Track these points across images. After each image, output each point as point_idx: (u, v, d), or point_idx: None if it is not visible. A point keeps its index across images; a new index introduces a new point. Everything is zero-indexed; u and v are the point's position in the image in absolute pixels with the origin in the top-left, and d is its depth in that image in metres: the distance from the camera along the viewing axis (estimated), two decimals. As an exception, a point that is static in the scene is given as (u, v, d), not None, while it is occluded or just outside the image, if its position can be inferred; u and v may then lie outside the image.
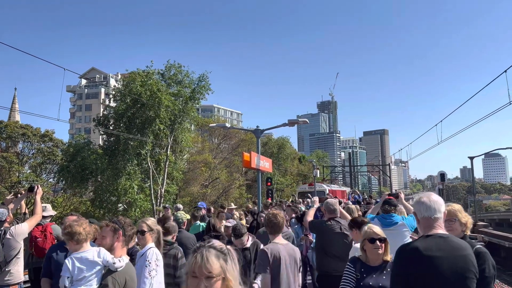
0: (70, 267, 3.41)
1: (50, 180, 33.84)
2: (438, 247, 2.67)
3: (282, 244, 4.41)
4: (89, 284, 3.35)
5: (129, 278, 3.45)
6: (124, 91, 26.72)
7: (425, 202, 2.86)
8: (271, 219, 4.65)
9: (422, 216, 2.85)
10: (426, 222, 2.84)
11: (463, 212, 3.61)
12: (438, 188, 26.34)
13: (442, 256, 2.63)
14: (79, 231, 3.57)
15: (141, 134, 26.14)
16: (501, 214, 57.54)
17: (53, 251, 4.72)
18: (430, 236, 2.75)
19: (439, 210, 2.83)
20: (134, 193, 27.05)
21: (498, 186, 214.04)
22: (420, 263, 2.63)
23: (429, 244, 2.68)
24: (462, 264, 2.64)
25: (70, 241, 3.56)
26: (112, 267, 3.35)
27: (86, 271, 3.37)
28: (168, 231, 5.76)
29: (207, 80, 29.14)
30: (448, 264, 2.61)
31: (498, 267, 15.15)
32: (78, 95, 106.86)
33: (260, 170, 13.88)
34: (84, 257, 3.44)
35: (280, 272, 4.15)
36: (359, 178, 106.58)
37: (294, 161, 58.58)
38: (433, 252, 2.64)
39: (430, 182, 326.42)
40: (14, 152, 32.57)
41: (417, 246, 2.70)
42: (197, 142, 42.05)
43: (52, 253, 4.67)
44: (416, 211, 2.93)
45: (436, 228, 2.80)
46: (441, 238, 2.73)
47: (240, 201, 39.02)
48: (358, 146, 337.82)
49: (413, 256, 2.67)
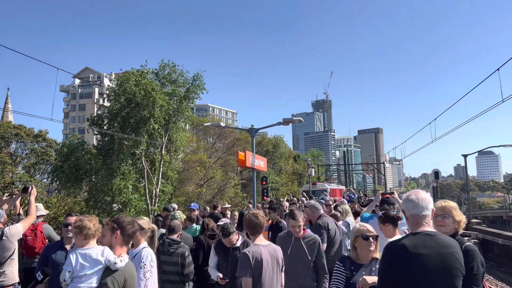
0: (74, 262, 3.39)
1: (44, 180, 33.60)
2: (424, 244, 2.70)
3: (263, 245, 4.30)
4: (89, 282, 3.33)
5: (128, 277, 3.43)
6: (118, 90, 26.56)
7: (413, 199, 2.89)
8: (251, 219, 4.39)
9: (410, 213, 2.88)
10: (414, 220, 2.87)
11: (458, 210, 3.65)
12: (432, 186, 26.48)
13: (428, 253, 2.66)
14: (89, 226, 3.55)
15: (135, 134, 26.02)
16: (494, 212, 58.05)
17: (51, 251, 4.53)
18: (418, 234, 2.78)
19: (427, 207, 2.86)
20: (129, 193, 26.94)
21: (492, 183, 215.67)
22: (407, 260, 2.66)
23: (415, 242, 2.71)
24: (448, 262, 2.67)
25: (79, 235, 3.52)
26: (113, 266, 3.34)
27: (87, 269, 3.35)
28: (173, 230, 5.79)
29: (201, 79, 29.08)
30: (434, 261, 2.64)
31: (492, 264, 15.28)
32: (71, 95, 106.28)
33: (255, 169, 13.88)
34: (88, 254, 3.42)
35: (261, 274, 4.07)
36: (354, 177, 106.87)
37: (289, 160, 58.65)
38: (419, 249, 2.67)
39: (424, 180, 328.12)
40: (7, 153, 32.30)
41: (404, 243, 2.73)
42: (192, 141, 41.95)
43: (50, 253, 4.48)
44: (404, 208, 2.95)
45: (424, 225, 2.82)
46: (428, 236, 2.76)
47: (236, 200, 39.01)
48: (352, 144, 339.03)
49: (400, 253, 2.70)
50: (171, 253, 5.44)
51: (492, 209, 69.79)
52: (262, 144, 49.83)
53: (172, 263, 5.42)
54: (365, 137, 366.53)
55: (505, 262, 14.72)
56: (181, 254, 5.34)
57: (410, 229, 2.92)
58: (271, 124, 15.61)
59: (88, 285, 3.33)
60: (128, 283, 3.40)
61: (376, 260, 3.76)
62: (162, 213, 10.82)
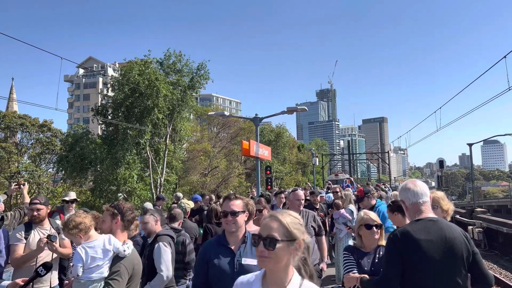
0: (84, 256, 3.40)
1: (49, 170, 33.86)
2: (428, 230, 2.71)
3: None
4: (100, 272, 3.35)
5: (137, 262, 3.48)
6: (122, 80, 26.53)
7: (411, 188, 2.91)
8: None
9: (411, 202, 2.89)
10: (415, 208, 2.87)
11: (445, 200, 3.75)
12: (437, 175, 26.41)
13: (432, 239, 2.67)
14: (82, 221, 3.57)
15: (139, 124, 26.04)
16: (499, 201, 57.68)
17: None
18: (421, 220, 2.79)
19: (426, 193, 2.89)
20: (134, 182, 27.05)
21: (497, 172, 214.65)
22: (411, 246, 2.68)
23: (419, 227, 2.73)
24: (453, 246, 2.69)
25: (79, 234, 3.55)
26: (122, 254, 3.35)
27: (99, 260, 3.37)
28: (174, 218, 5.82)
29: (206, 69, 28.91)
30: (438, 246, 2.66)
31: (496, 253, 15.30)
32: (76, 85, 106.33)
33: (259, 158, 13.88)
34: (97, 245, 3.43)
35: None
36: (358, 166, 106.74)
37: (293, 150, 58.55)
38: (423, 235, 2.68)
39: (429, 169, 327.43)
40: (13, 142, 32.53)
41: (408, 229, 2.74)
42: (196, 131, 41.98)
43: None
44: (403, 198, 2.95)
45: (425, 212, 2.84)
46: (431, 221, 2.78)
47: (240, 189, 39.12)
48: (357, 134, 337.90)
49: (404, 239, 2.71)
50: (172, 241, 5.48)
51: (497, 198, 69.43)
52: (263, 133, 49.65)
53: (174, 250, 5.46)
54: (369, 126, 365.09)
55: (509, 251, 14.72)
56: (182, 242, 5.37)
57: (411, 218, 2.91)
58: (275, 113, 15.53)
59: (100, 275, 3.34)
60: (135, 269, 3.44)
61: (380, 247, 3.78)
62: (157, 202, 10.87)
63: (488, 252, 15.47)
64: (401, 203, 3.00)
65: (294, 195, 5.69)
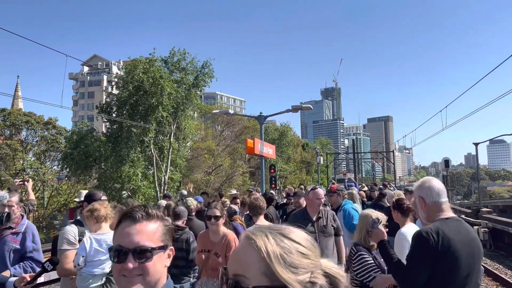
0: (88, 246, 3.39)
1: (54, 167, 34.02)
2: (459, 230, 2.73)
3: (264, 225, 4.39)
4: (102, 267, 3.34)
5: None
6: (126, 78, 26.55)
7: (435, 186, 2.90)
8: (253, 201, 5.31)
9: (433, 200, 2.85)
10: (437, 206, 2.85)
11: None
12: (442, 175, 26.26)
13: (461, 239, 2.69)
14: (99, 208, 3.58)
15: (144, 121, 26.06)
16: (505, 201, 57.17)
17: None
18: (449, 219, 2.78)
19: (446, 194, 2.92)
20: (138, 180, 27.11)
21: (503, 172, 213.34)
22: (446, 245, 2.65)
23: (449, 227, 2.72)
24: (474, 247, 2.74)
25: (90, 218, 3.54)
26: None
27: (102, 254, 3.36)
28: (178, 216, 5.82)
29: (210, 67, 28.88)
30: (466, 247, 2.69)
31: (502, 253, 15.18)
32: (80, 83, 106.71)
33: (264, 157, 13.84)
34: (103, 240, 3.42)
35: None
36: (362, 165, 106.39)
37: (298, 148, 58.45)
38: (455, 235, 2.68)
39: (434, 169, 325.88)
40: (18, 140, 32.71)
41: (443, 229, 2.70)
42: (200, 129, 41.97)
43: None
44: (424, 195, 2.88)
45: (447, 210, 2.85)
46: (458, 221, 2.81)
47: (244, 188, 39.11)
48: (362, 133, 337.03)
49: (440, 239, 2.66)
50: (176, 239, 5.50)
51: (502, 198, 68.90)
52: (267, 132, 49.56)
53: (178, 248, 5.46)
54: (374, 125, 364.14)
55: (515, 251, 14.58)
56: (186, 240, 5.41)
57: (428, 216, 2.86)
58: (280, 112, 15.48)
59: (101, 271, 3.33)
60: None
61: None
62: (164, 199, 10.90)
63: (494, 253, 15.36)
64: (419, 199, 2.91)
65: (314, 194, 5.47)
